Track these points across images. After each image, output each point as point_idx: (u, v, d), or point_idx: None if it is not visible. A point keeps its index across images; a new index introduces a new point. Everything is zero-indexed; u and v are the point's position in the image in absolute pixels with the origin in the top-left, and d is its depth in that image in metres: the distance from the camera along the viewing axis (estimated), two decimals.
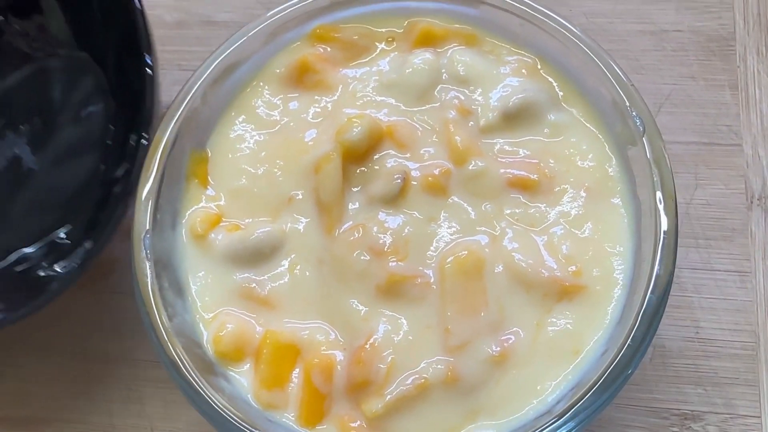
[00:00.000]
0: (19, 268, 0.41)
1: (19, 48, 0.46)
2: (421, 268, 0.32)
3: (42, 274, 0.40)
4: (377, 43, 0.38)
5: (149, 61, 0.38)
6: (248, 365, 0.33)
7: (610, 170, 0.34)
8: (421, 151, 0.35)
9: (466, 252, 0.32)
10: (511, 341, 0.31)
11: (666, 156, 0.32)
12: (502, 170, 0.34)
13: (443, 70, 0.36)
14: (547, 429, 0.28)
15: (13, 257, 0.42)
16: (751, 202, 0.42)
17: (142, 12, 0.38)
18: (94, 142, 0.44)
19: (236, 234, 0.34)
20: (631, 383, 0.36)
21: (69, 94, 0.45)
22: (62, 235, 0.42)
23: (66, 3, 0.44)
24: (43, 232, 0.42)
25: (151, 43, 0.39)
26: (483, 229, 0.33)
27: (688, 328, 0.39)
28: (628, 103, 0.33)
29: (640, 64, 0.45)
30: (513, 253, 0.32)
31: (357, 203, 0.34)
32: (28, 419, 0.42)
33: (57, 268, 0.40)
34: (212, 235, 0.34)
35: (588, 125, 0.35)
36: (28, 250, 0.42)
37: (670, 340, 0.39)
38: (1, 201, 0.44)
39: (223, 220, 0.35)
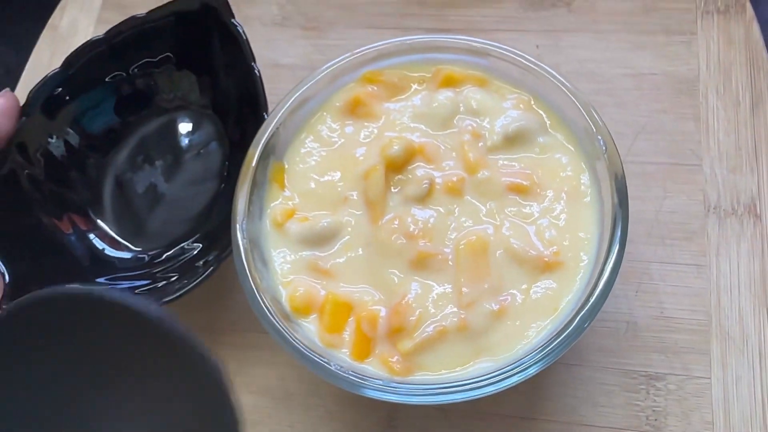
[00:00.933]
0: (157, 271, 0.46)
1: (161, 106, 0.52)
2: (441, 247, 0.38)
3: (174, 275, 0.44)
4: (412, 84, 0.44)
5: (266, 117, 0.43)
6: (314, 317, 0.38)
7: (583, 179, 0.39)
8: (443, 164, 0.40)
9: (475, 237, 0.38)
10: (507, 301, 0.37)
11: (621, 167, 0.37)
12: (503, 178, 0.40)
13: (461, 105, 0.42)
14: (530, 360, 0.34)
15: (154, 261, 0.47)
16: (708, 211, 0.46)
17: (260, 79, 0.44)
18: (213, 173, 0.49)
19: (306, 223, 0.40)
20: (608, 351, 0.43)
21: (193, 137, 0.51)
22: (191, 244, 0.47)
23: (203, 83, 0.51)
24: (176, 242, 0.48)
25: (267, 103, 0.44)
26: (488, 220, 0.39)
27: (654, 308, 0.44)
28: (594, 130, 0.38)
29: (622, 100, 0.50)
30: (510, 239, 0.38)
31: (395, 201, 0.40)
32: None
33: (186, 270, 0.44)
34: (288, 224, 0.40)
35: (568, 146, 0.41)
36: (164, 255, 0.47)
37: (640, 318, 0.44)
38: (142, 218, 0.50)
39: (296, 213, 0.41)
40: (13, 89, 0.59)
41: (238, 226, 0.39)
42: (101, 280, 0.46)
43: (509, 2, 0.56)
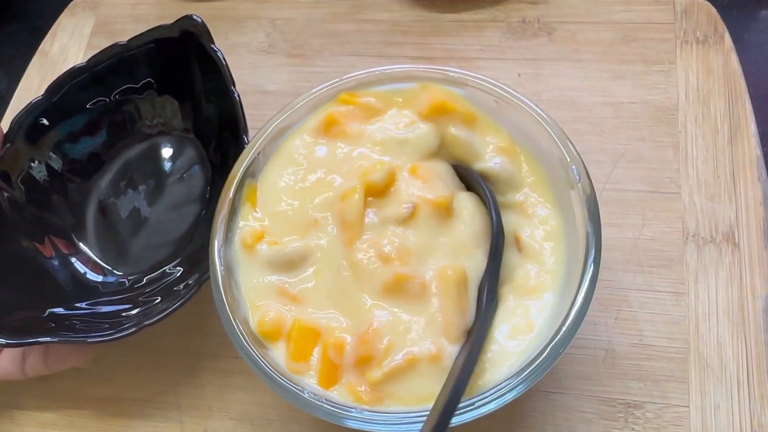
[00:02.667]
0: (139, 294, 0.46)
1: (143, 131, 0.53)
2: (420, 272, 0.37)
3: (156, 299, 0.45)
4: (393, 106, 0.43)
5: (246, 140, 0.43)
6: (282, 343, 0.37)
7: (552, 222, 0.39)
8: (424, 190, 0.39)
9: (453, 269, 0.37)
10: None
11: (594, 196, 0.37)
12: None
13: (442, 141, 0.41)
14: (506, 387, 0.33)
15: (135, 285, 0.48)
16: (687, 239, 0.47)
17: (240, 103, 0.45)
18: (195, 197, 0.50)
19: (275, 247, 0.39)
20: (586, 378, 0.43)
21: (176, 162, 0.52)
22: (173, 268, 0.47)
23: (185, 108, 0.51)
24: (157, 266, 0.48)
25: (247, 126, 0.44)
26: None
27: (633, 336, 0.44)
28: (568, 159, 0.38)
29: (601, 129, 0.51)
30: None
31: (373, 222, 0.38)
32: (111, 398, 0.48)
33: (168, 293, 0.44)
34: (258, 246, 0.39)
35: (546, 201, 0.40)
36: (146, 279, 0.48)
37: (619, 345, 0.44)
38: (125, 241, 0.50)
39: (266, 236, 0.40)
40: (2, 113, 0.60)
41: (215, 252, 0.39)
42: (83, 304, 0.46)
43: (492, 31, 0.57)
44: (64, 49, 0.64)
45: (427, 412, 0.33)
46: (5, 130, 0.49)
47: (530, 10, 0.58)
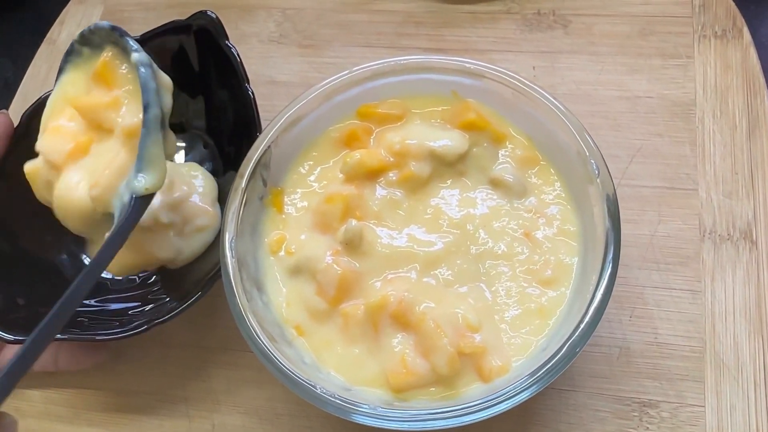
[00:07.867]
0: (148, 292, 0.46)
1: None
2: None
3: (165, 297, 0.44)
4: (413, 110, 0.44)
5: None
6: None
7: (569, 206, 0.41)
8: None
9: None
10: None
11: (614, 191, 0.37)
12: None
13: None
14: (521, 385, 0.33)
15: (145, 282, 0.47)
16: (704, 236, 0.46)
17: (254, 101, 0.44)
18: None
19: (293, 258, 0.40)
20: (601, 376, 0.42)
21: (187, 158, 0.51)
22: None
23: (197, 104, 0.50)
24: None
25: (260, 124, 0.44)
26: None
27: (648, 334, 0.44)
28: (587, 153, 0.38)
29: (617, 123, 0.50)
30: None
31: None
32: (118, 390, 0.48)
33: (177, 291, 0.44)
34: (280, 253, 0.41)
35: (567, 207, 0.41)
36: (155, 277, 0.47)
37: (634, 343, 0.44)
38: None
39: (286, 239, 0.41)
40: (9, 101, 0.59)
41: (227, 244, 0.39)
42: (92, 301, 0.45)
43: (506, 23, 0.57)
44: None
45: (443, 411, 0.33)
46: (15, 123, 0.48)
47: (545, 1, 0.57)
